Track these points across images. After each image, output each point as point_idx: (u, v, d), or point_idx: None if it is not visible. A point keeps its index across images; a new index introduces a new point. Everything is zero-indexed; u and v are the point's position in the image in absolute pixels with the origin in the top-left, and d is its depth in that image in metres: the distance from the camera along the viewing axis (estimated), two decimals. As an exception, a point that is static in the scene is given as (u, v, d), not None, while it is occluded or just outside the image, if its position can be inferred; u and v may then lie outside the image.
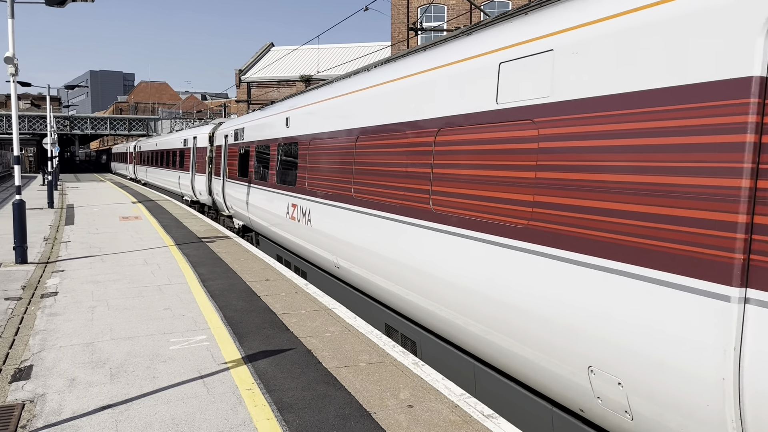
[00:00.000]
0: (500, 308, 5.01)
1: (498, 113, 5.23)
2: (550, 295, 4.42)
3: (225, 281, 10.09)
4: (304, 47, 54.62)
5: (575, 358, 4.18)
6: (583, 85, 4.25)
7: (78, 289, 9.44)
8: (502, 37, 5.37)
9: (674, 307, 3.45)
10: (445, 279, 5.88)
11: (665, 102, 3.60)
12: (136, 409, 5.07)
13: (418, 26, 13.36)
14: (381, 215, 7.43)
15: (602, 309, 3.94)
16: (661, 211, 3.58)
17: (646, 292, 3.62)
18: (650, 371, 3.58)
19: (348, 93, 8.92)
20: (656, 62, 3.68)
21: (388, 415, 4.97)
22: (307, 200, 10.23)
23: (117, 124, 72.04)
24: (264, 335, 7.14)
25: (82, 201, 27.17)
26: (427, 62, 6.72)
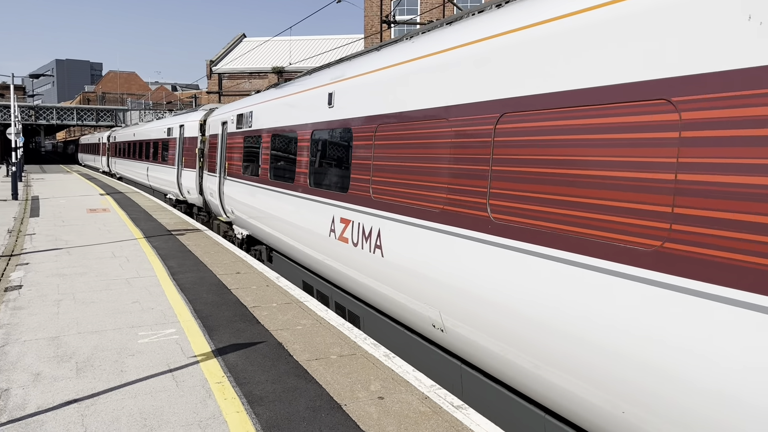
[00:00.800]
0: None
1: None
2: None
3: (195, 274, 9.98)
4: (277, 39, 54.13)
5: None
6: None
7: (43, 283, 9.26)
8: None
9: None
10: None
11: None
12: (103, 403, 5.00)
13: (390, 19, 13.30)
14: (564, 258, 4.12)
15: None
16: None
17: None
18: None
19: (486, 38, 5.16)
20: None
21: (359, 407, 4.98)
22: (373, 216, 6.89)
23: (84, 115, 70.56)
24: (234, 328, 7.10)
25: (47, 193, 26.58)
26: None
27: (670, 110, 3.42)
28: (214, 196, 15.87)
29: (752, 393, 2.91)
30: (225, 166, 14.64)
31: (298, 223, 9.36)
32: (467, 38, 5.44)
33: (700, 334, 3.16)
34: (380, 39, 37.66)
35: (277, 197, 10.48)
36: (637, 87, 3.63)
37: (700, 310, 3.17)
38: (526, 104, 4.54)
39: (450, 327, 5.52)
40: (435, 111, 5.74)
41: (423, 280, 5.82)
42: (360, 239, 7.18)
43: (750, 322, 2.94)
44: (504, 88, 4.80)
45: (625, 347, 3.56)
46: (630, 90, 3.67)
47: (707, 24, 3.21)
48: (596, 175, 3.88)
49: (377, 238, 6.73)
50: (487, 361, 5.13)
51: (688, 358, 3.21)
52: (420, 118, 6.00)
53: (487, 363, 5.16)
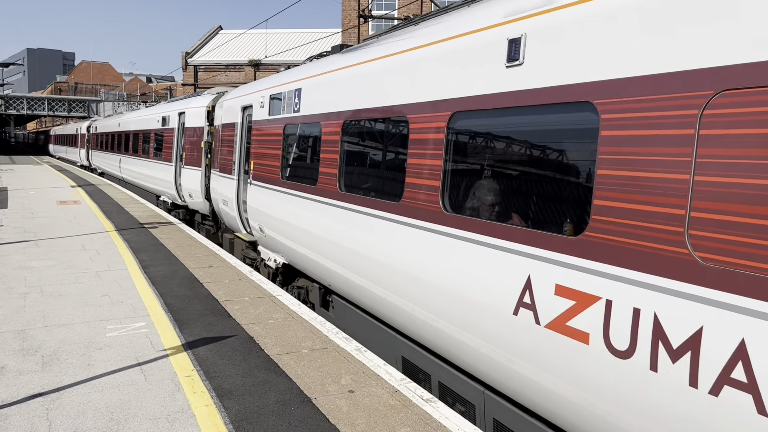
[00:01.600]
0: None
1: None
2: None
3: (167, 268, 9.88)
4: (253, 31, 53.65)
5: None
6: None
7: (9, 275, 9.08)
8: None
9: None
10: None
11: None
12: (69, 397, 4.93)
13: (368, 13, 13.25)
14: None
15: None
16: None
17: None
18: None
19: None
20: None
21: (329, 400, 4.99)
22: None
23: (56, 105, 69.23)
24: (205, 322, 7.04)
25: (16, 184, 26.05)
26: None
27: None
28: (230, 205, 11.98)
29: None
30: (249, 167, 10.87)
31: (420, 273, 5.47)
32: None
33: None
34: (357, 33, 37.56)
35: (360, 221, 6.63)
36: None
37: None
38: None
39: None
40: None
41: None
42: (639, 345, 3.37)
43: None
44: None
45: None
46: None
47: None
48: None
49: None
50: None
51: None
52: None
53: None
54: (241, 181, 11.47)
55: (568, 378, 3.83)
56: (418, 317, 5.55)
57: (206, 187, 14.76)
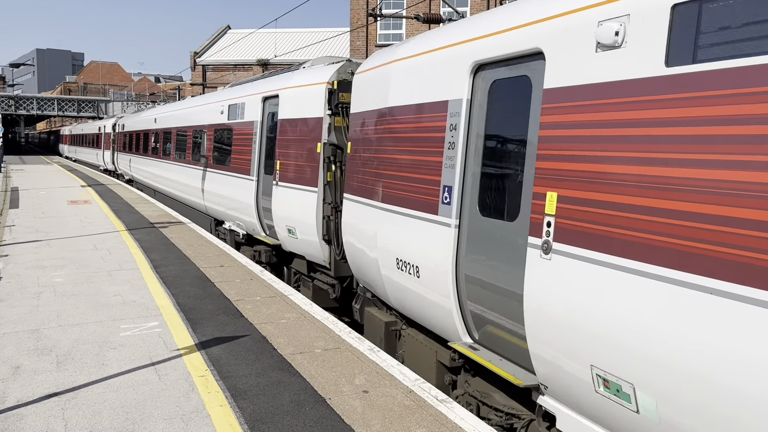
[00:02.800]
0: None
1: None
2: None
3: (178, 267, 9.90)
4: (262, 30, 53.75)
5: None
6: None
7: (23, 275, 9.12)
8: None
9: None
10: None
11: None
12: (84, 396, 4.95)
13: (377, 12, 13.21)
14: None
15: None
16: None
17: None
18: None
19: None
20: None
21: (343, 400, 4.98)
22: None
23: (65, 105, 69.57)
24: (218, 322, 7.05)
25: (27, 184, 26.21)
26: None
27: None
28: (428, 274, 5.91)
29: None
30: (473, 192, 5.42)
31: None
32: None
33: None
34: (366, 32, 37.54)
35: None
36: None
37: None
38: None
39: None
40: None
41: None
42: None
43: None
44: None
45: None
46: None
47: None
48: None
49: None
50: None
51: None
52: None
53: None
54: (464, 228, 5.46)
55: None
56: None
57: (330, 224, 8.98)
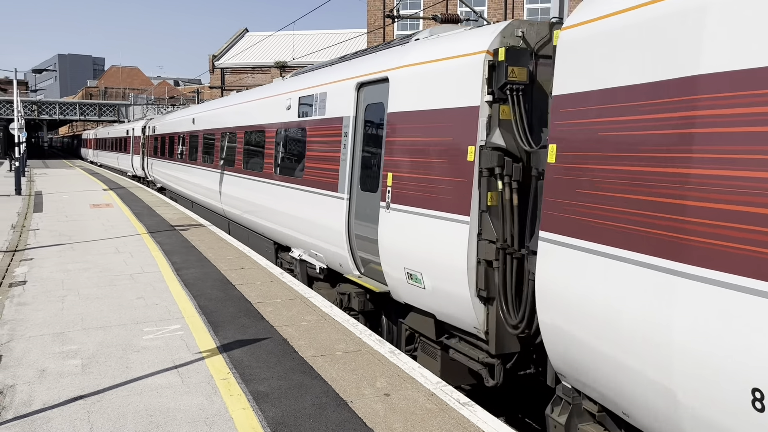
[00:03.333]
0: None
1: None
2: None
3: (199, 270, 9.98)
4: (279, 33, 54.02)
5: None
6: None
7: (47, 278, 9.25)
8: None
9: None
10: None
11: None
12: (109, 399, 5.00)
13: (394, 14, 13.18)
14: None
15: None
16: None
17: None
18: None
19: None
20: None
21: (365, 403, 4.97)
22: None
23: (87, 110, 70.58)
24: (239, 324, 7.09)
25: (50, 188, 26.60)
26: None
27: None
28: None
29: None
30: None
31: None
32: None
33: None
34: (383, 33, 37.54)
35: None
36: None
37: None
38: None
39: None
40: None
41: None
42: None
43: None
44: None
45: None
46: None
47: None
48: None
49: None
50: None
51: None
52: None
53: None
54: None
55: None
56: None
57: (488, 267, 5.81)
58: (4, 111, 64.90)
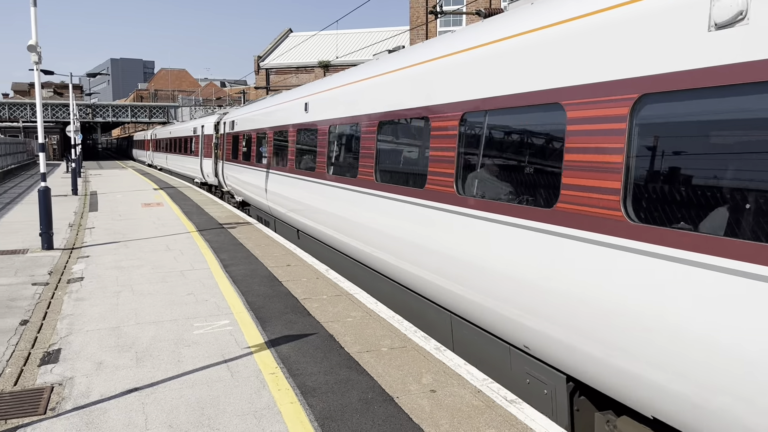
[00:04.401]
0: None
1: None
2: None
3: (247, 267, 10.16)
4: (323, 33, 54.44)
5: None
6: None
7: (103, 275, 9.58)
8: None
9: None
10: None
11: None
12: (162, 392, 5.14)
13: (437, 10, 13.05)
14: None
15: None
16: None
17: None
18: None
19: None
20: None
21: (411, 399, 4.98)
22: None
23: (138, 112, 72.69)
24: (286, 320, 7.19)
25: (105, 188, 27.49)
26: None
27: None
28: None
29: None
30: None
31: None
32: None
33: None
34: (425, 30, 37.43)
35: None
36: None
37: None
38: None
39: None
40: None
41: None
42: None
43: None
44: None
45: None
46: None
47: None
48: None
49: None
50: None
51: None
52: None
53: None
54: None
55: None
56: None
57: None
58: (61, 114, 67.38)
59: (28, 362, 5.88)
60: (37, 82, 12.68)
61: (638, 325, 4.01)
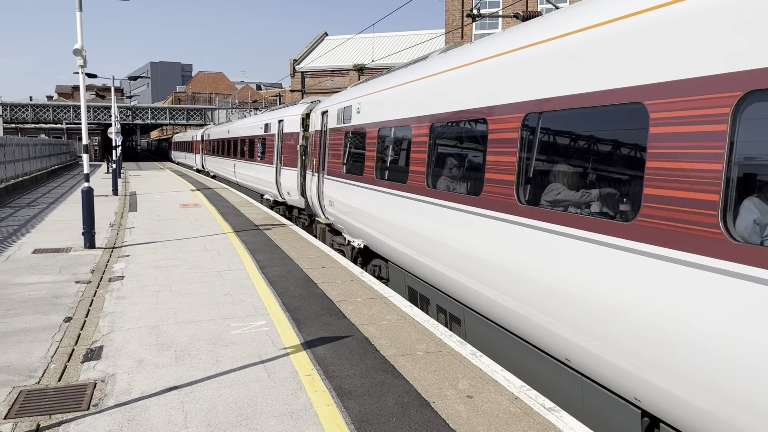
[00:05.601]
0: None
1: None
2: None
3: (282, 268, 10.24)
4: (359, 36, 54.70)
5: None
6: None
7: (143, 274, 9.76)
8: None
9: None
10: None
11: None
12: (201, 391, 5.21)
13: (474, 12, 12.97)
14: None
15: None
16: None
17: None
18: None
19: None
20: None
21: (448, 404, 4.95)
22: None
23: (176, 114, 74.08)
24: (322, 322, 7.22)
25: (143, 189, 28.07)
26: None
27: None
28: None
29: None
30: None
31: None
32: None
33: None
34: (461, 33, 37.28)
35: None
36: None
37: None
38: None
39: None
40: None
41: None
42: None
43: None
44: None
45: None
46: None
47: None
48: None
49: None
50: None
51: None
52: None
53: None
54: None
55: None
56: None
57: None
58: (102, 116, 69.05)
59: (71, 359, 6.03)
60: (81, 85, 13.02)
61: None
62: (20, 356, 6.08)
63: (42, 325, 7.13)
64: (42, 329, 6.96)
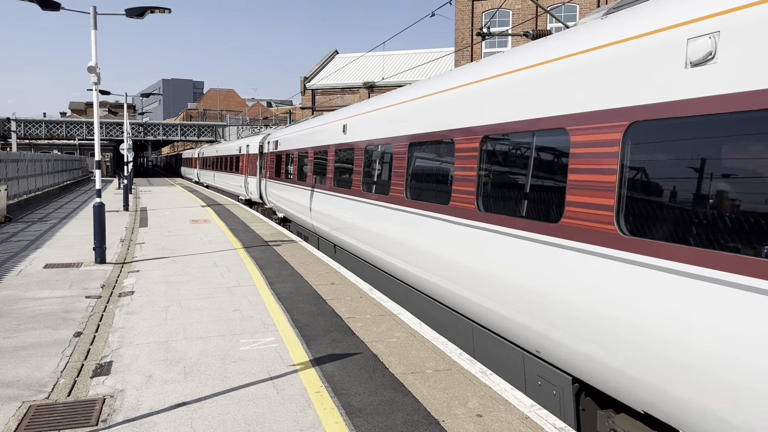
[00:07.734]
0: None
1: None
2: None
3: (291, 284, 10.25)
4: (369, 54, 55.13)
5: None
6: None
7: (152, 289, 9.80)
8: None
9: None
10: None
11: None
12: (210, 407, 5.20)
13: (484, 31, 13.04)
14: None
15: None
16: None
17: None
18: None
19: None
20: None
21: (457, 424, 4.91)
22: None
23: (187, 131, 74.68)
24: (331, 339, 7.20)
25: (154, 204, 28.23)
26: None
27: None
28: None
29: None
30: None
31: None
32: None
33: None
34: (471, 52, 37.50)
35: None
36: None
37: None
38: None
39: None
40: None
41: None
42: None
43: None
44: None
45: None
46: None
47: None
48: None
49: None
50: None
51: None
52: None
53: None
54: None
55: None
56: None
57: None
58: (114, 132, 69.74)
59: (81, 374, 6.04)
60: (95, 101, 13.17)
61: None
62: (30, 371, 6.10)
63: (52, 339, 7.16)
64: (52, 344, 6.98)
